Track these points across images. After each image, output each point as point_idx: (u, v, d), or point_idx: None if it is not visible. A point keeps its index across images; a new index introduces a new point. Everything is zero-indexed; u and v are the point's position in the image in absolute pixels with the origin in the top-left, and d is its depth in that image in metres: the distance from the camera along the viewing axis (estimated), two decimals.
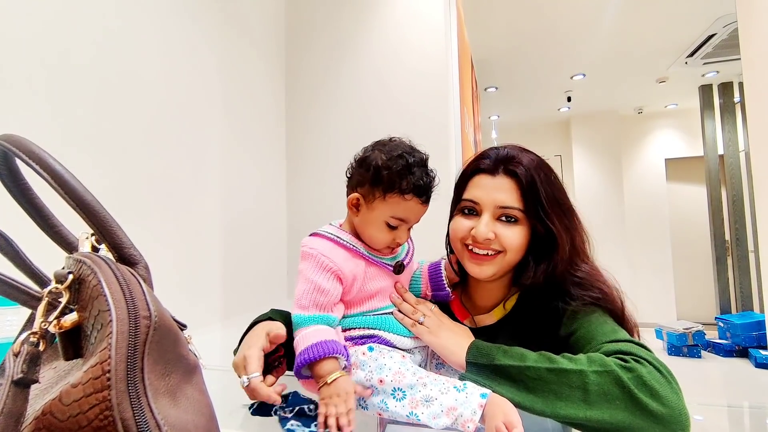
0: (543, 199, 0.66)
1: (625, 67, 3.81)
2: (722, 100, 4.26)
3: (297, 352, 0.57)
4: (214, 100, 1.33)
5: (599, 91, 4.43)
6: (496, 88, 4.20)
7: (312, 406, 0.55)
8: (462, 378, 0.58)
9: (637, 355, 0.52)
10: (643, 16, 2.90)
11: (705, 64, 3.72)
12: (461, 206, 0.72)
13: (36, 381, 0.28)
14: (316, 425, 0.52)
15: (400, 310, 0.66)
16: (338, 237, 0.64)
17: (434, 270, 0.73)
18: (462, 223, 0.70)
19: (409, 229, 0.68)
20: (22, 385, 0.27)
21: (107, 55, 0.97)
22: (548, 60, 3.61)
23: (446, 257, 0.78)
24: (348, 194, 0.67)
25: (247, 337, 0.62)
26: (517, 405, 0.53)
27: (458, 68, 1.81)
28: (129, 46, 1.03)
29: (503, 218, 0.67)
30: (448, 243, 0.76)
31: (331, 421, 0.50)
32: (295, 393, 0.58)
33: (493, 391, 0.54)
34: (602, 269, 0.71)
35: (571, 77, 4.00)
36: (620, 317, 0.65)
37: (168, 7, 1.16)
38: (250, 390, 0.54)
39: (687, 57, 3.57)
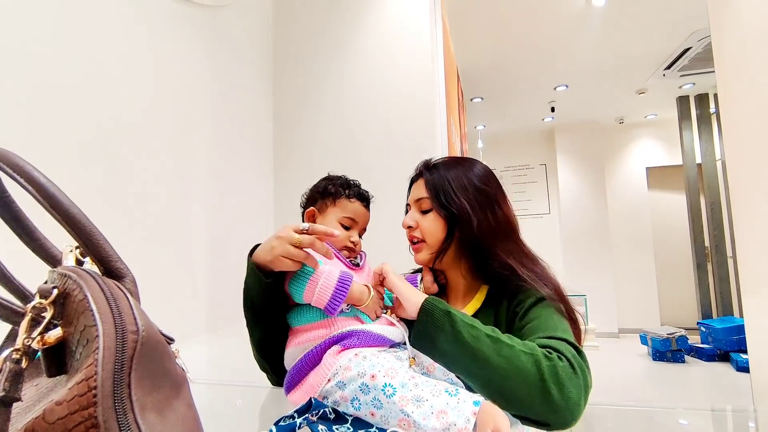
0: (448, 184, 0.80)
1: (606, 79, 3.93)
2: (699, 110, 4.41)
3: (327, 294, 0.63)
4: (201, 111, 1.32)
5: (581, 101, 4.54)
6: (482, 99, 4.28)
7: (330, 409, 0.55)
8: (417, 319, 0.65)
9: (560, 352, 0.60)
10: (622, 31, 3.00)
11: (682, 76, 3.85)
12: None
13: (18, 399, 0.27)
14: (337, 428, 0.53)
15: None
16: None
17: (411, 280, 0.81)
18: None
19: (360, 235, 0.81)
20: (4, 403, 0.26)
21: (94, 64, 0.97)
22: (532, 71, 3.70)
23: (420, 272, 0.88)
24: (303, 215, 0.82)
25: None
26: (446, 354, 0.62)
27: (444, 79, 1.84)
28: (116, 57, 1.02)
29: (422, 211, 0.83)
30: None
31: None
32: (314, 398, 0.57)
33: (434, 336, 0.62)
34: (544, 263, 0.83)
35: (555, 88, 4.10)
36: (567, 311, 0.74)
37: (155, 18, 1.15)
38: (312, 231, 0.63)
39: (664, 69, 3.69)
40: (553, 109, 4.64)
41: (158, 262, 1.12)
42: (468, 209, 0.79)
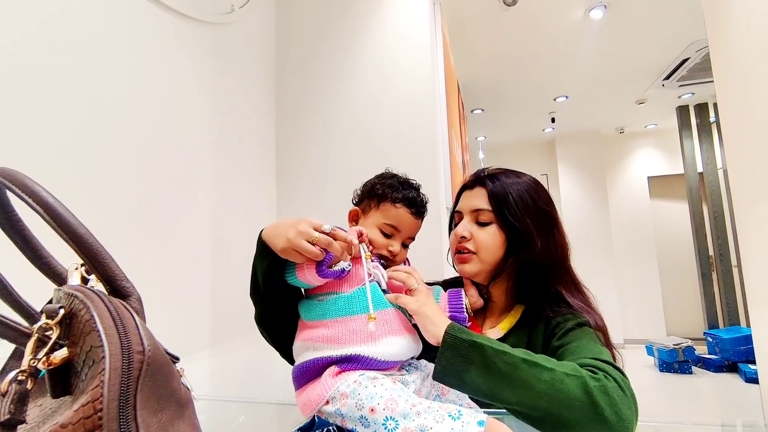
0: (512, 201, 0.76)
1: (606, 89, 3.95)
2: (699, 120, 4.42)
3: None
4: (204, 125, 1.34)
5: (582, 112, 4.57)
6: (483, 110, 4.30)
7: (334, 427, 0.54)
8: (439, 355, 0.60)
9: (607, 372, 0.57)
10: (621, 42, 3.03)
11: (681, 86, 3.87)
12: (452, 220, 0.85)
13: (23, 421, 0.27)
14: None
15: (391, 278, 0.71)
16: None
17: (455, 295, 0.75)
18: (452, 233, 0.83)
19: (405, 247, 0.74)
20: (9, 426, 0.26)
21: (97, 80, 0.98)
22: (532, 83, 3.72)
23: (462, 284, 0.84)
24: None
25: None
26: (478, 388, 0.57)
27: (445, 92, 1.85)
28: (120, 74, 1.04)
29: (479, 222, 0.78)
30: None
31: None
32: (318, 416, 0.56)
33: (462, 370, 0.58)
34: (588, 292, 0.80)
35: (554, 99, 4.12)
36: (607, 343, 0.72)
37: (160, 34, 1.17)
38: (332, 235, 0.61)
39: (663, 80, 3.72)
40: (553, 120, 4.65)
41: (161, 275, 1.12)
42: (533, 231, 0.75)
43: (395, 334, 0.65)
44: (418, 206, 0.73)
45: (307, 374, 0.63)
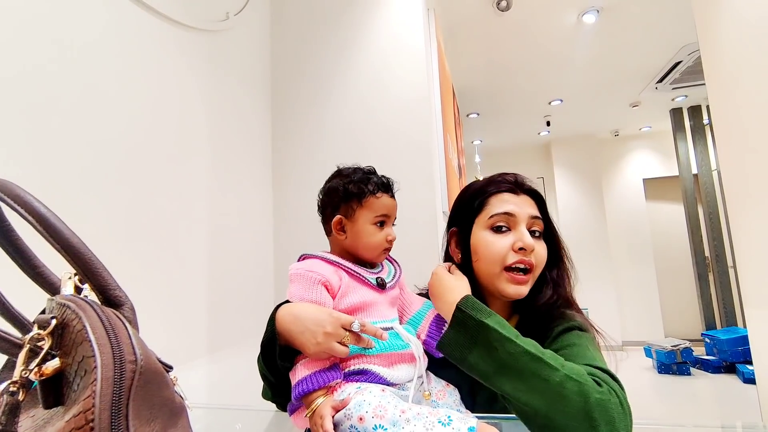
0: (550, 216, 0.75)
1: (600, 93, 3.98)
2: (692, 122, 4.46)
3: (296, 380, 0.58)
4: (199, 132, 1.34)
5: (576, 115, 4.60)
6: (478, 114, 4.33)
7: None
8: (449, 325, 0.61)
9: (610, 386, 0.55)
10: (614, 46, 3.07)
11: (674, 89, 3.91)
12: (493, 222, 0.72)
13: None
14: None
15: None
16: (323, 255, 0.69)
17: (440, 319, 0.71)
18: (500, 242, 0.70)
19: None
20: None
21: (93, 88, 0.98)
22: (526, 87, 3.75)
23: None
24: (327, 224, 0.72)
25: (308, 306, 0.61)
26: (477, 369, 0.57)
27: (440, 97, 1.86)
28: (115, 81, 1.04)
29: (531, 232, 0.71)
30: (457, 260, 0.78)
31: None
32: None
33: (466, 349, 0.58)
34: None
35: (549, 103, 4.15)
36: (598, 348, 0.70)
37: (156, 42, 1.18)
38: (362, 331, 0.58)
39: (657, 83, 3.75)
40: (548, 123, 4.68)
41: (157, 284, 1.11)
42: (565, 249, 0.76)
43: (407, 362, 0.65)
44: (391, 188, 0.73)
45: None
